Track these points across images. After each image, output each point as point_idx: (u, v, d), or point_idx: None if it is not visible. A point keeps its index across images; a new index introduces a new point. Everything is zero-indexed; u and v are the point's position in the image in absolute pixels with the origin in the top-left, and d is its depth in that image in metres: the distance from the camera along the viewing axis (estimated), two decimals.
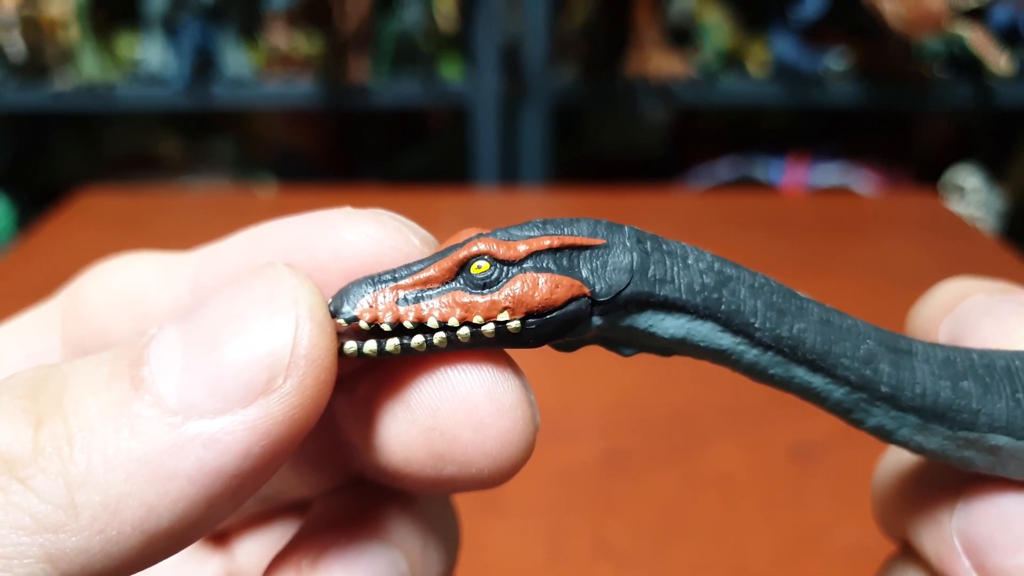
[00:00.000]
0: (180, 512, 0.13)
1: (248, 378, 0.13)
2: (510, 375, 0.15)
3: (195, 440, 0.13)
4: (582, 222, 0.15)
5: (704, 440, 0.47)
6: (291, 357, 0.13)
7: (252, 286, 0.14)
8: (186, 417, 0.13)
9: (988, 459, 0.15)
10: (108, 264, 0.19)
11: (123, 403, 0.13)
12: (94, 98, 1.24)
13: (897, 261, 0.73)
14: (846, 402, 0.15)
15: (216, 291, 0.14)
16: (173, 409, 0.13)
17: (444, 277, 0.14)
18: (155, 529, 0.13)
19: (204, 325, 0.13)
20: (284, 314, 0.13)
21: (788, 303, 0.15)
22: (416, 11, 1.24)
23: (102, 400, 0.13)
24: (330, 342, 0.13)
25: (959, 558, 0.16)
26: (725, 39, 1.28)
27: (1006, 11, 1.23)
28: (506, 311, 0.14)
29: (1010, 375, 0.15)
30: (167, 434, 0.13)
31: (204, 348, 0.13)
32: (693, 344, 0.15)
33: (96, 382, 0.13)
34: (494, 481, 0.15)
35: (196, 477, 0.13)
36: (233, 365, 0.13)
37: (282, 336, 0.13)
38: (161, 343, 0.13)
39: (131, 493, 0.12)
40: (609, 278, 0.15)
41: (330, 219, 0.16)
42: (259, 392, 0.13)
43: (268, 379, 0.13)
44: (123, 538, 0.12)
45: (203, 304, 0.14)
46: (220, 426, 0.13)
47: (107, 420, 0.13)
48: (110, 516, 0.12)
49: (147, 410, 0.13)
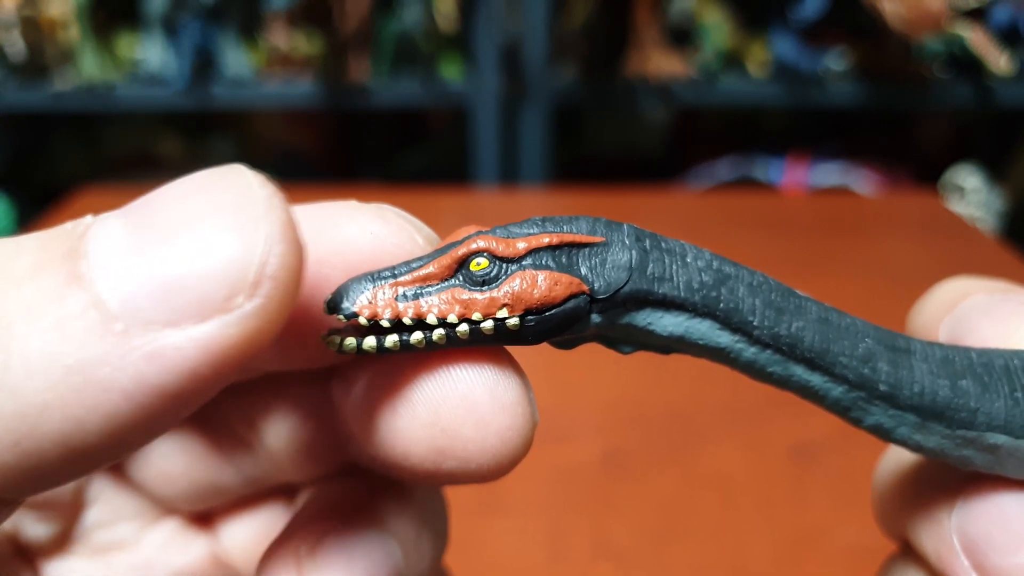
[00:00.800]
0: (110, 429, 0.11)
1: (206, 291, 0.11)
2: (511, 373, 0.15)
3: (137, 351, 0.11)
4: (581, 220, 0.15)
5: (704, 439, 0.47)
6: (257, 275, 0.12)
7: (215, 188, 0.12)
8: (128, 324, 0.11)
9: (986, 458, 0.15)
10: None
11: (53, 299, 0.11)
12: (94, 98, 1.24)
13: (897, 261, 0.73)
14: (844, 400, 0.16)
15: (169, 187, 0.12)
16: (114, 314, 0.11)
17: (443, 274, 0.14)
18: (80, 445, 0.11)
19: (156, 223, 0.12)
20: (254, 225, 0.12)
21: (787, 301, 0.15)
22: (416, 11, 1.24)
23: (25, 293, 0.11)
24: (301, 266, 0.12)
25: (958, 557, 0.16)
26: (725, 39, 1.28)
27: (1006, 11, 1.23)
28: (505, 308, 0.14)
29: (1008, 374, 0.15)
30: (105, 341, 0.11)
31: (156, 249, 0.12)
32: (692, 342, 0.15)
33: (17, 270, 0.12)
34: (492, 476, 0.15)
35: (133, 393, 0.11)
36: (190, 274, 0.11)
37: (250, 250, 0.12)
38: (102, 235, 0.12)
39: (54, 404, 0.11)
40: (608, 276, 0.15)
41: (333, 213, 0.15)
42: (216, 308, 0.11)
43: (228, 296, 0.11)
44: (42, 453, 0.11)
45: (153, 199, 0.12)
46: (167, 340, 0.11)
47: (31, 316, 0.11)
48: (28, 428, 0.11)
49: (83, 311, 0.11)
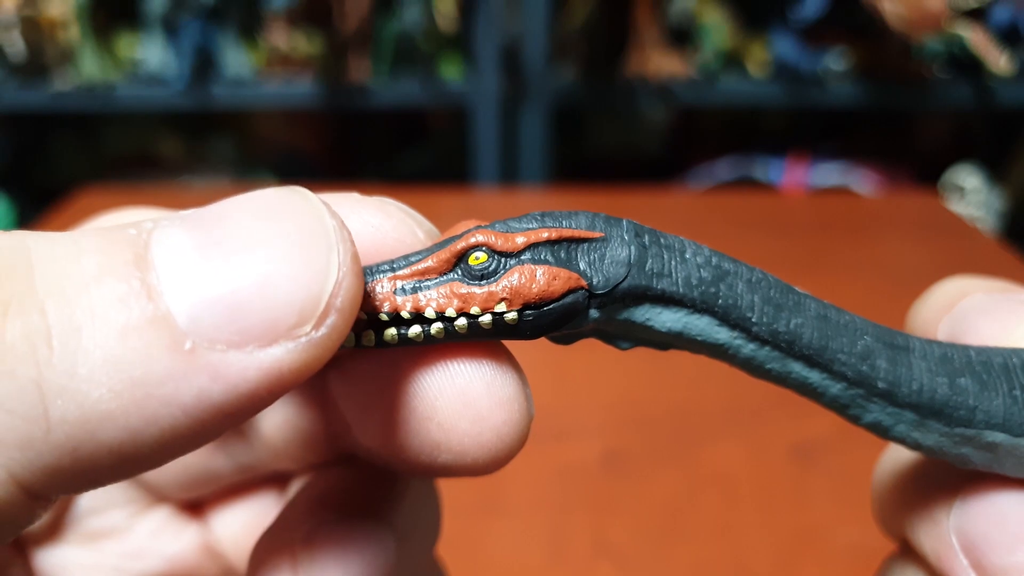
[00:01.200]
0: (164, 440, 0.11)
1: (276, 316, 0.12)
2: (508, 368, 0.15)
3: (202, 371, 0.11)
4: (580, 215, 0.15)
5: (704, 439, 0.47)
6: (326, 306, 0.12)
7: (285, 211, 0.12)
8: (196, 343, 0.11)
9: (985, 456, 0.15)
10: (110, 216, 0.18)
11: (121, 308, 0.11)
12: (94, 98, 1.24)
13: (897, 261, 0.73)
14: (843, 398, 0.15)
15: (237, 204, 0.12)
16: (183, 330, 0.11)
17: (442, 268, 0.14)
18: (131, 453, 0.11)
19: (225, 239, 0.12)
20: (326, 256, 0.12)
21: (785, 298, 0.15)
22: (416, 11, 1.24)
23: (93, 298, 0.11)
24: (361, 294, 0.13)
25: (957, 556, 0.16)
26: (725, 39, 1.28)
27: (1006, 11, 1.23)
28: (503, 302, 0.14)
29: (1007, 372, 0.15)
30: (171, 357, 0.11)
31: (226, 268, 0.12)
32: (690, 338, 0.15)
33: (83, 273, 0.11)
34: (487, 469, 0.15)
35: (192, 410, 0.11)
36: (261, 297, 0.12)
37: (322, 280, 0.12)
38: (168, 245, 0.12)
39: (116, 414, 0.11)
40: (607, 271, 0.15)
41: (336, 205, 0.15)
42: (282, 334, 0.12)
43: (297, 324, 0.12)
44: (95, 459, 0.11)
45: (219, 213, 0.12)
46: (232, 361, 0.11)
47: (99, 323, 0.11)
48: (86, 435, 0.11)
49: (151, 324, 0.11)
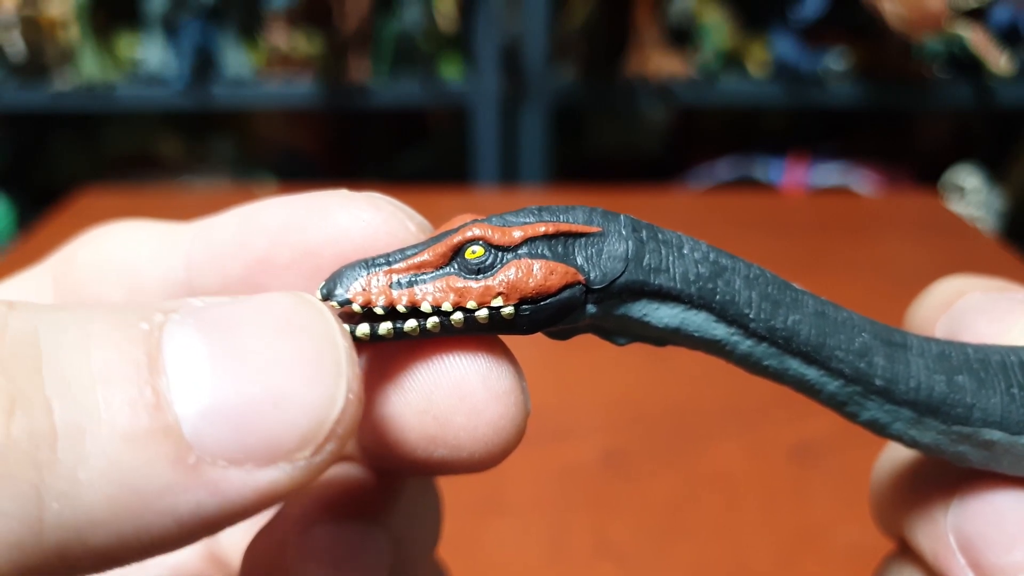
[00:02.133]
0: (151, 546, 0.11)
1: (278, 438, 0.12)
2: (504, 362, 0.15)
3: (203, 486, 0.11)
4: (578, 210, 0.15)
5: (705, 439, 0.47)
6: (328, 433, 0.12)
7: (299, 329, 0.12)
8: (199, 457, 0.11)
9: (982, 454, 0.15)
10: (102, 230, 0.18)
11: (128, 412, 0.11)
12: (94, 98, 1.24)
13: (897, 261, 0.73)
14: (840, 395, 0.15)
15: (253, 312, 0.12)
16: (188, 443, 0.11)
17: (438, 262, 0.14)
18: (116, 555, 0.11)
19: (238, 352, 0.12)
20: (334, 382, 0.12)
21: (783, 295, 0.15)
22: (416, 11, 1.24)
23: (101, 398, 0.11)
24: (359, 418, 0.12)
25: (954, 555, 0.16)
26: (725, 39, 1.28)
27: (1006, 11, 1.23)
28: (500, 297, 0.14)
29: (1005, 370, 0.15)
30: (174, 470, 0.11)
31: (236, 383, 0.12)
32: (687, 334, 0.15)
33: (92, 370, 0.11)
34: (483, 465, 0.15)
35: (186, 521, 0.11)
36: (266, 418, 0.11)
37: (326, 408, 0.12)
38: (181, 349, 0.12)
39: (109, 520, 0.11)
40: (604, 266, 0.15)
41: (325, 201, 0.15)
42: (282, 456, 0.12)
43: (297, 448, 0.12)
44: (80, 562, 0.11)
45: (235, 320, 0.12)
46: (232, 477, 0.11)
47: (104, 425, 0.11)
48: (76, 539, 0.11)
49: (157, 433, 0.11)
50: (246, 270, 0.16)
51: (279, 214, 0.16)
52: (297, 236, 0.15)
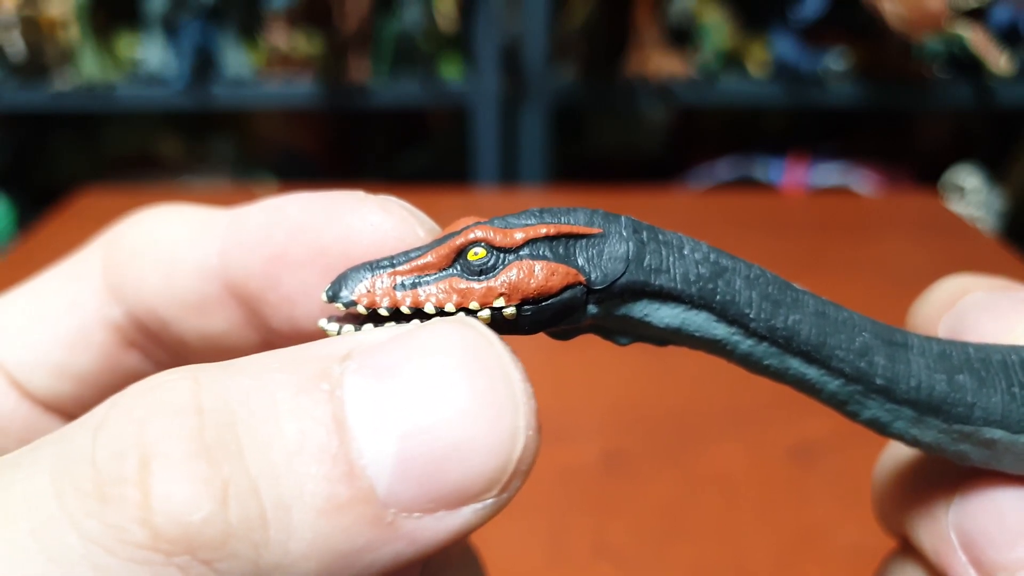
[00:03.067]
0: None
1: (467, 484, 0.12)
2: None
3: (401, 539, 0.12)
4: (579, 211, 0.15)
5: (704, 440, 0.47)
6: (513, 472, 0.12)
7: (475, 369, 0.13)
8: (396, 514, 0.12)
9: (983, 453, 0.15)
10: (146, 214, 0.19)
11: (325, 484, 0.12)
12: (94, 98, 1.24)
13: (897, 261, 0.73)
14: (841, 394, 0.16)
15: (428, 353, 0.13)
16: (383, 501, 0.12)
17: (441, 264, 0.15)
18: None
19: (418, 403, 0.12)
20: (513, 421, 0.12)
21: (783, 295, 0.15)
22: (416, 11, 1.24)
23: (299, 473, 0.12)
24: (540, 444, 0.13)
25: (956, 553, 0.16)
26: (725, 39, 1.28)
27: (1006, 11, 1.23)
28: (502, 297, 0.14)
29: (1006, 369, 0.15)
30: (374, 530, 0.12)
31: (423, 437, 0.12)
32: (688, 334, 0.15)
33: (286, 443, 0.12)
34: None
35: (387, 569, 0.12)
36: (455, 467, 0.12)
37: (511, 448, 0.12)
38: (363, 406, 0.12)
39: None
40: (605, 267, 0.15)
41: (339, 203, 0.16)
42: (471, 499, 0.12)
43: (485, 490, 0.12)
44: None
45: (409, 367, 0.12)
46: (426, 525, 0.12)
47: (308, 502, 0.11)
48: None
49: (355, 501, 0.12)
50: (267, 264, 0.16)
51: (298, 212, 0.16)
52: (312, 236, 0.16)
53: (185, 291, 0.17)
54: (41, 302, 0.18)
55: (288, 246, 0.16)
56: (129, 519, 0.11)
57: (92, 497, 0.11)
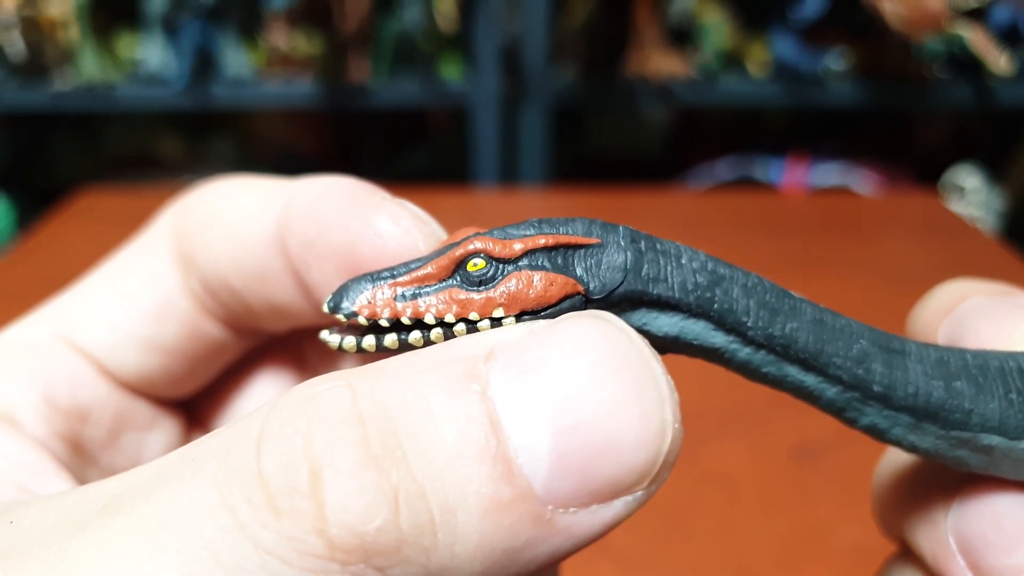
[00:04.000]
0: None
1: (620, 478, 0.12)
2: None
3: (559, 534, 0.12)
4: (577, 222, 0.15)
5: (705, 440, 0.47)
6: (662, 465, 0.13)
7: (623, 367, 0.13)
8: (554, 511, 0.12)
9: (981, 459, 0.15)
10: (213, 185, 0.19)
11: (489, 485, 0.12)
12: (94, 98, 1.24)
13: (897, 261, 0.73)
14: (839, 401, 0.16)
15: (573, 351, 0.13)
16: (541, 499, 0.12)
17: (441, 275, 0.15)
18: None
19: (570, 401, 0.12)
20: (660, 415, 0.13)
21: (781, 303, 0.15)
22: (416, 11, 1.24)
23: (462, 475, 0.12)
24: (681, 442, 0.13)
25: (954, 557, 0.16)
26: (725, 39, 1.28)
27: (1006, 11, 1.23)
28: (501, 308, 0.14)
29: (1003, 376, 0.15)
30: (534, 528, 0.12)
31: (577, 434, 0.12)
32: (686, 342, 0.15)
33: (446, 447, 0.12)
34: None
35: (546, 563, 0.12)
36: (607, 462, 0.12)
37: (659, 442, 0.13)
38: (514, 406, 0.12)
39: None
40: (603, 276, 0.15)
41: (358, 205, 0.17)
42: (623, 492, 0.13)
43: (636, 483, 0.13)
44: None
45: (557, 366, 0.13)
46: (581, 520, 0.12)
47: (472, 503, 0.12)
48: None
49: (516, 500, 0.12)
50: (299, 248, 0.17)
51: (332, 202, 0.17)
52: (332, 236, 0.17)
53: (250, 262, 0.18)
54: (120, 281, 0.19)
55: (316, 238, 0.17)
56: (305, 530, 0.11)
57: (265, 509, 0.11)
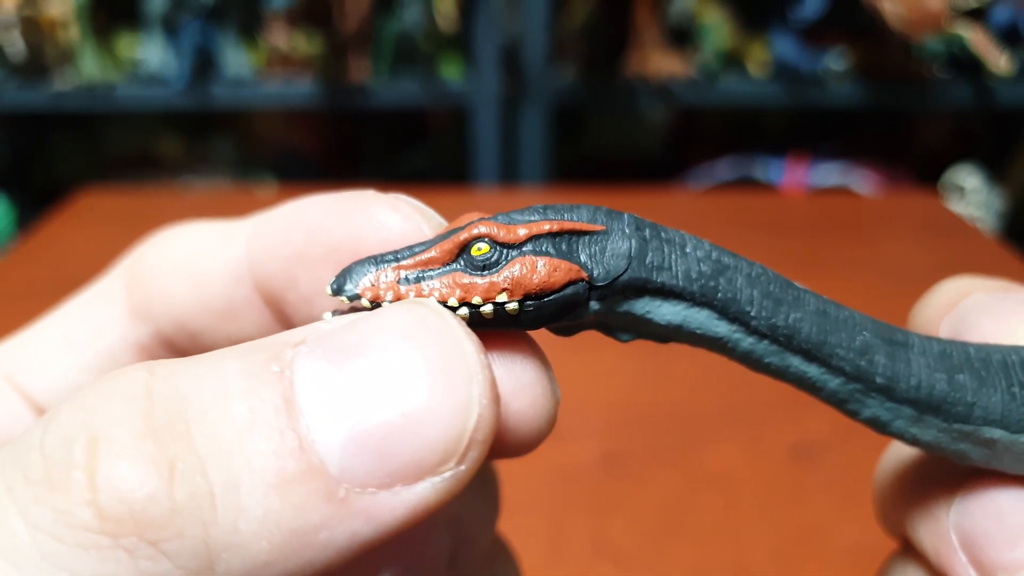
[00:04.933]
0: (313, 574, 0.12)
1: (421, 456, 0.12)
2: (528, 354, 0.15)
3: (356, 516, 0.12)
4: (582, 208, 0.15)
5: (704, 439, 0.47)
6: (469, 441, 0.12)
7: (425, 340, 0.12)
8: (348, 490, 0.12)
9: (983, 452, 0.15)
10: (166, 233, 0.19)
11: (275, 460, 0.11)
12: (94, 98, 1.24)
13: (897, 261, 0.73)
14: (841, 392, 0.16)
15: (378, 331, 0.13)
16: (335, 478, 0.12)
17: (445, 258, 0.15)
18: None
19: (368, 377, 0.12)
20: (467, 389, 0.12)
21: (785, 293, 0.15)
22: (416, 11, 1.24)
23: (248, 450, 0.11)
24: (497, 421, 0.13)
25: (956, 553, 0.16)
26: (725, 39, 1.28)
27: (1006, 11, 1.23)
28: (505, 293, 0.14)
29: (1006, 369, 0.15)
30: (326, 507, 0.12)
31: (373, 410, 0.12)
32: (689, 331, 0.15)
33: (235, 423, 0.12)
34: (517, 453, 0.16)
35: (345, 549, 0.12)
36: (407, 438, 0.12)
37: (464, 416, 0.12)
38: (313, 384, 0.12)
39: (274, 562, 0.11)
40: (607, 263, 0.15)
41: (352, 202, 0.16)
42: (428, 472, 0.12)
43: (441, 461, 0.12)
44: None
45: (360, 344, 0.12)
46: (382, 501, 0.12)
47: (255, 478, 0.11)
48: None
49: (307, 477, 0.11)
50: (287, 264, 0.17)
51: (314, 212, 0.16)
52: (325, 235, 0.16)
53: (215, 297, 0.18)
54: (67, 329, 0.19)
55: (305, 246, 0.16)
56: (76, 502, 0.11)
57: (40, 484, 0.11)
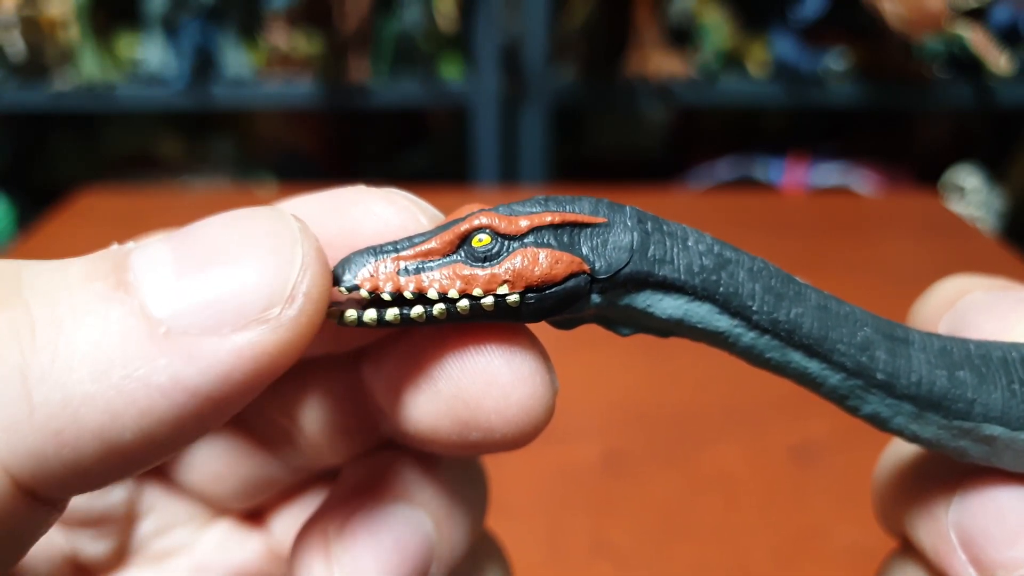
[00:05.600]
0: (146, 426, 0.12)
1: (245, 302, 0.12)
2: (527, 345, 0.15)
3: (176, 353, 0.12)
4: (584, 200, 0.15)
5: (704, 440, 0.47)
6: (292, 290, 0.13)
7: (253, 218, 0.13)
8: (170, 328, 0.12)
9: (983, 449, 0.15)
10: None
11: (100, 302, 0.12)
12: (94, 98, 1.24)
13: (897, 261, 0.73)
14: (842, 388, 0.15)
15: (209, 218, 0.13)
16: (157, 318, 0.12)
17: (446, 249, 0.14)
18: (116, 440, 0.12)
19: (197, 245, 0.13)
20: (290, 248, 0.13)
21: (786, 288, 0.15)
22: (416, 11, 1.24)
23: (76, 297, 0.12)
24: (328, 287, 0.13)
25: (955, 551, 0.16)
26: (725, 39, 1.28)
27: (1006, 11, 1.23)
28: (506, 285, 0.14)
29: (1006, 366, 0.15)
30: (147, 342, 0.12)
31: (200, 265, 0.13)
32: (690, 325, 0.15)
33: (68, 279, 0.12)
34: (517, 444, 0.16)
35: (170, 392, 0.12)
36: (231, 287, 0.12)
37: (287, 268, 0.13)
38: (147, 253, 0.13)
39: (96, 395, 0.12)
40: (609, 256, 0.15)
41: (344, 197, 0.16)
42: (253, 319, 0.12)
43: (265, 307, 0.12)
44: (81, 444, 0.12)
45: (194, 227, 0.13)
46: (205, 344, 0.12)
47: (79, 317, 0.12)
48: (69, 418, 0.11)
49: (128, 314, 0.12)
50: None
51: (307, 209, 0.16)
52: (320, 230, 0.16)
53: None
54: None
55: None
56: None
57: None
